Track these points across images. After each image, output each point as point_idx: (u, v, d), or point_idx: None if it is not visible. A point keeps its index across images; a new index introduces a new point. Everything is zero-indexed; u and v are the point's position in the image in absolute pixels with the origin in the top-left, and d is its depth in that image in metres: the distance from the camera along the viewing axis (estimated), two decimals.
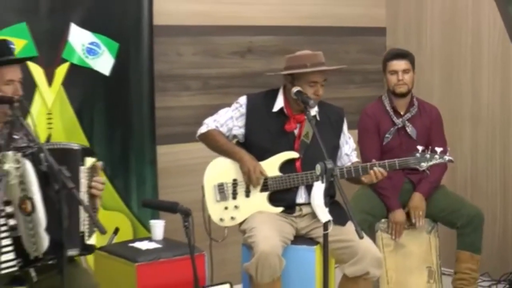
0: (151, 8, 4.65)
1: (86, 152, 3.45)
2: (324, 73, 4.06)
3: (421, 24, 5.72)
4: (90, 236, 3.39)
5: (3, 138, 3.35)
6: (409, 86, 4.62)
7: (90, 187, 3.40)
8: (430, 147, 4.09)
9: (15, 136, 3.35)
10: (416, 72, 4.70)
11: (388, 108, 4.66)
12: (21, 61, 3.61)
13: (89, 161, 3.43)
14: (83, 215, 3.29)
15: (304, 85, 4.01)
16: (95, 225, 3.24)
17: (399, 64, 4.60)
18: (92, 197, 3.43)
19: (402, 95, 4.63)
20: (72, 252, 3.29)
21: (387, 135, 4.63)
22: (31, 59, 4.04)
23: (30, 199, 3.15)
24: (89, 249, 3.44)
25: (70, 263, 3.22)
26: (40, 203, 3.16)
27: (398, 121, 4.65)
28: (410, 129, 4.64)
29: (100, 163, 3.48)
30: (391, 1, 5.89)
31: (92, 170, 3.43)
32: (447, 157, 4.11)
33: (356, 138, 4.49)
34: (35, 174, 3.16)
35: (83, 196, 3.36)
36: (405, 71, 4.60)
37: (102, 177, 3.49)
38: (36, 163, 3.18)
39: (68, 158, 3.37)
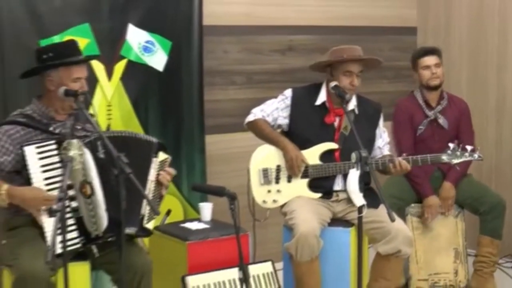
0: (201, 10, 4.67)
1: (161, 147, 3.52)
2: (360, 64, 4.02)
3: (449, 24, 5.68)
4: (149, 220, 3.45)
5: (67, 128, 3.42)
6: (441, 79, 4.62)
7: (157, 177, 3.46)
8: (461, 145, 4.04)
9: (77, 127, 3.41)
10: (445, 68, 4.69)
11: (421, 101, 4.64)
12: (87, 61, 3.67)
13: (162, 155, 3.49)
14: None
15: (340, 75, 3.99)
16: (149, 204, 3.29)
17: (431, 59, 4.60)
18: (158, 185, 3.48)
19: (435, 88, 4.62)
20: (129, 230, 3.34)
21: (420, 127, 4.62)
22: (95, 57, 4.08)
23: (89, 183, 3.20)
24: (146, 232, 3.49)
25: (127, 241, 3.26)
26: (99, 187, 3.21)
27: (430, 113, 4.63)
28: (442, 120, 4.62)
29: (169, 158, 3.55)
30: (421, 2, 5.86)
31: (163, 163, 3.50)
32: (476, 155, 4.06)
33: (390, 130, 4.47)
34: (93, 160, 3.22)
35: (150, 183, 3.42)
36: (436, 65, 4.60)
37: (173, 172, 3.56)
38: (94, 150, 3.24)
39: (145, 148, 3.45)
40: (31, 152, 3.23)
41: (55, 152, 3.26)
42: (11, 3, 4.05)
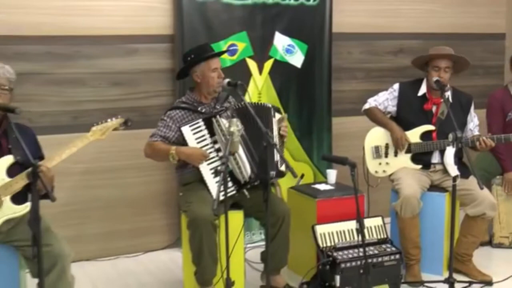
0: (331, 21, 4.64)
1: (275, 109, 3.53)
2: (447, 60, 3.87)
3: None
4: (281, 164, 3.43)
5: (210, 109, 3.48)
6: None
7: (279, 132, 3.47)
8: None
9: (217, 106, 3.48)
10: None
11: None
12: (219, 55, 3.64)
13: (278, 115, 3.50)
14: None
15: (431, 70, 3.88)
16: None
17: None
18: (281, 137, 3.50)
19: None
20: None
21: (509, 114, 4.38)
22: (223, 53, 3.83)
23: None
24: (281, 174, 3.47)
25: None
26: (240, 148, 3.23)
27: None
28: None
29: (285, 115, 3.55)
30: (510, 13, 5.50)
31: (279, 120, 3.50)
32: None
33: (480, 116, 4.25)
34: None
35: (276, 138, 3.41)
36: None
37: (287, 123, 3.56)
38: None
39: (265, 112, 3.44)
40: (187, 131, 3.35)
41: (203, 127, 3.35)
42: (192, 18, 4.18)
